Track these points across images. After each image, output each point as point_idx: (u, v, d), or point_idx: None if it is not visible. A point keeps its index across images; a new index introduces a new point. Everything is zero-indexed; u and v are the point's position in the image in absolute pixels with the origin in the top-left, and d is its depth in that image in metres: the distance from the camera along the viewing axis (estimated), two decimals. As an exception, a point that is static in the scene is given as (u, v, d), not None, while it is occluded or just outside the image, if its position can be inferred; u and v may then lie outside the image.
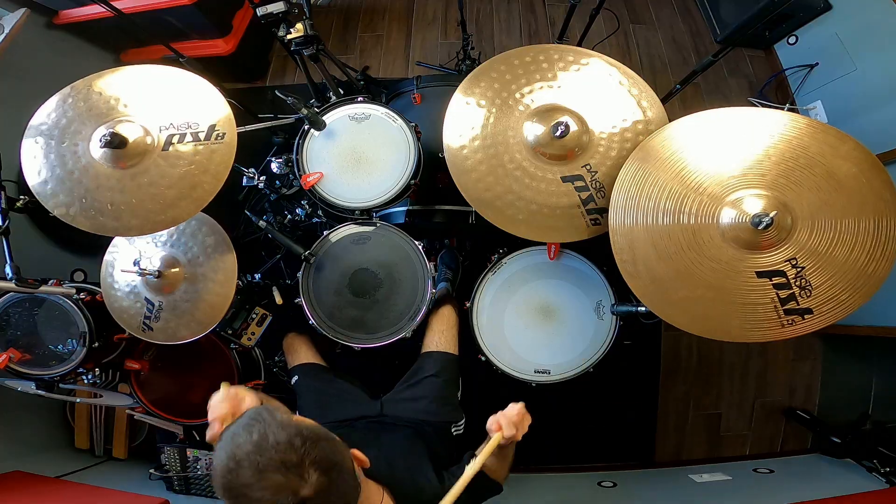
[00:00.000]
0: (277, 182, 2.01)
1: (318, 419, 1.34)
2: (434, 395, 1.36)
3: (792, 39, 2.33)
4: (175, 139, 1.17)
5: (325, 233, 1.47)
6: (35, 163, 1.18)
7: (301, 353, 1.55)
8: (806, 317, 1.01)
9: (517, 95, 1.26)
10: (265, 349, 1.82)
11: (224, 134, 1.17)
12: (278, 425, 0.72)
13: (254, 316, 1.64)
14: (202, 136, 1.17)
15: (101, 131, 1.15)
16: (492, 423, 0.99)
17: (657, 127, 1.19)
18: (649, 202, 1.09)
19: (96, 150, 1.17)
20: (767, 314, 1.02)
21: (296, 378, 1.50)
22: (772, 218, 0.97)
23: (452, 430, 1.34)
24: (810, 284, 1.01)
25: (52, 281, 1.44)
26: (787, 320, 1.01)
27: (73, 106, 1.20)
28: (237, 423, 0.75)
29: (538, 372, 1.46)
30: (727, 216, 1.04)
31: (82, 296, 1.49)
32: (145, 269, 1.35)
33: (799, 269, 1.01)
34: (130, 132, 1.16)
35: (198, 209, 1.16)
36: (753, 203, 1.03)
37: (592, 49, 1.28)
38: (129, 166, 1.16)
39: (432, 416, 1.32)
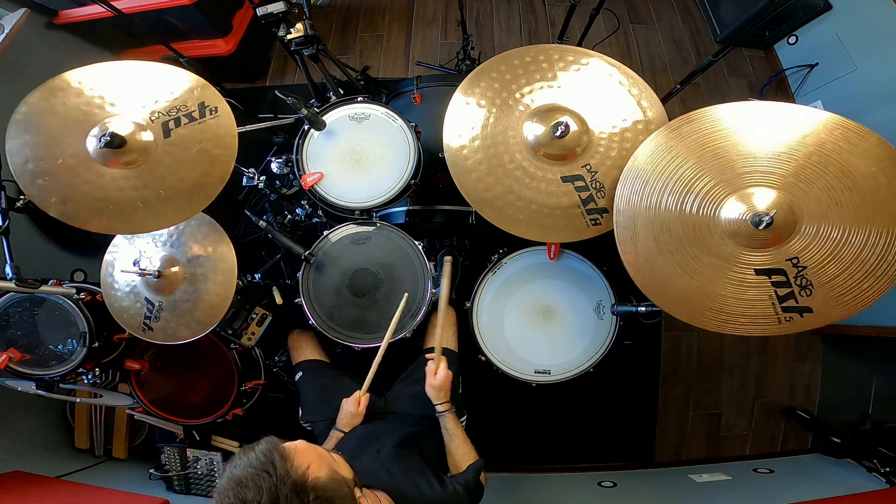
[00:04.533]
0: (277, 182, 2.01)
1: (321, 415, 1.37)
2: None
3: (792, 39, 2.33)
4: (171, 124, 1.18)
5: (325, 233, 1.47)
6: (45, 193, 1.15)
7: (306, 350, 1.57)
8: (805, 315, 1.00)
9: (517, 95, 1.25)
10: (265, 349, 1.82)
11: (216, 107, 1.18)
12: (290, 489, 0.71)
13: (254, 316, 1.64)
14: (196, 114, 1.18)
15: (96, 132, 1.14)
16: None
17: (657, 127, 1.19)
18: (653, 195, 1.09)
19: (101, 157, 1.15)
20: (765, 310, 1.01)
21: (300, 374, 1.52)
22: (771, 217, 0.97)
23: (454, 427, 1.34)
24: (811, 283, 0.99)
25: (52, 281, 1.44)
26: (786, 317, 1.00)
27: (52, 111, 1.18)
28: (244, 461, 0.73)
29: (538, 372, 1.46)
30: (727, 213, 1.04)
31: (82, 296, 1.49)
32: (145, 269, 1.35)
33: (800, 269, 1.00)
34: (123, 128, 1.15)
35: (223, 181, 1.17)
36: (757, 200, 1.01)
37: (592, 49, 1.28)
38: (140, 162, 1.16)
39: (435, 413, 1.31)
